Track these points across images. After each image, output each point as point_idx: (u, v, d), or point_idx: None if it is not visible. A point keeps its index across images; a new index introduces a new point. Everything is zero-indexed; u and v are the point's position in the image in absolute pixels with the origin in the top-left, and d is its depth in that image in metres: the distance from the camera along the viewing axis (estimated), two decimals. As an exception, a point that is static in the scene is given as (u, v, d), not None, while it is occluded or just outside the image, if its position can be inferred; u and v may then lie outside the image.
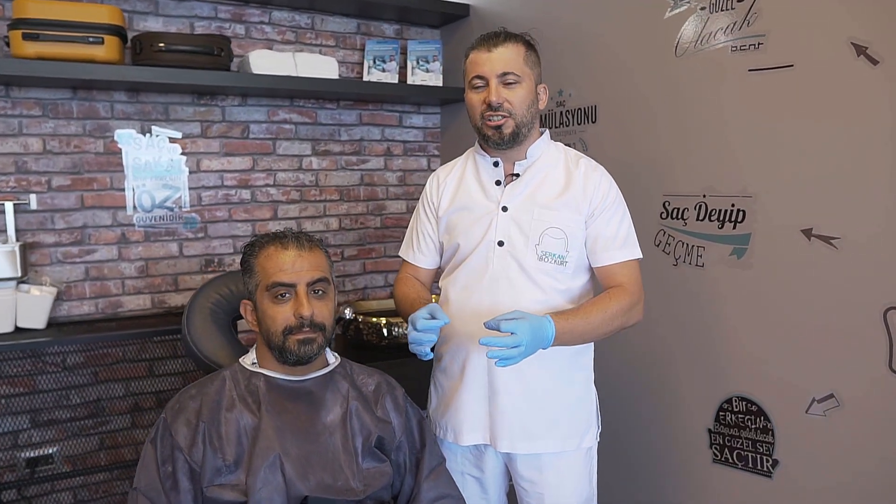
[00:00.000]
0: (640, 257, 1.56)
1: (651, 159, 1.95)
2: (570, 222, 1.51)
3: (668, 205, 1.91)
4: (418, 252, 1.70)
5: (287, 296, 1.34)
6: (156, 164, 2.34)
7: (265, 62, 2.31)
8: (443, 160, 2.88)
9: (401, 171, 2.84)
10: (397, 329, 2.28)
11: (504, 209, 1.53)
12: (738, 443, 1.78)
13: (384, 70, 2.63)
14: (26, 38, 1.91)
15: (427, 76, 2.67)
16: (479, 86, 1.52)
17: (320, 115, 2.63)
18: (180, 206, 2.40)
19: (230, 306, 1.75)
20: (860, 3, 1.49)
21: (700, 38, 1.80)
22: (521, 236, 1.52)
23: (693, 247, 1.85)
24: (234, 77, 2.27)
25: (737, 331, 1.76)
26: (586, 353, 1.61)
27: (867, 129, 1.49)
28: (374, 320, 2.30)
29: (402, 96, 2.71)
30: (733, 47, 1.72)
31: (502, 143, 1.52)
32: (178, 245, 2.41)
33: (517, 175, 1.56)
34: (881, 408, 1.49)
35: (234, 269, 2.39)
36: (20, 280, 2.06)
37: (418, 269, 1.72)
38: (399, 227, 2.85)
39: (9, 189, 2.14)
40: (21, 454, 2.16)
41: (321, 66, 2.41)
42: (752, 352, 1.74)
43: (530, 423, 1.54)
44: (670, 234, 1.91)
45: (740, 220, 1.73)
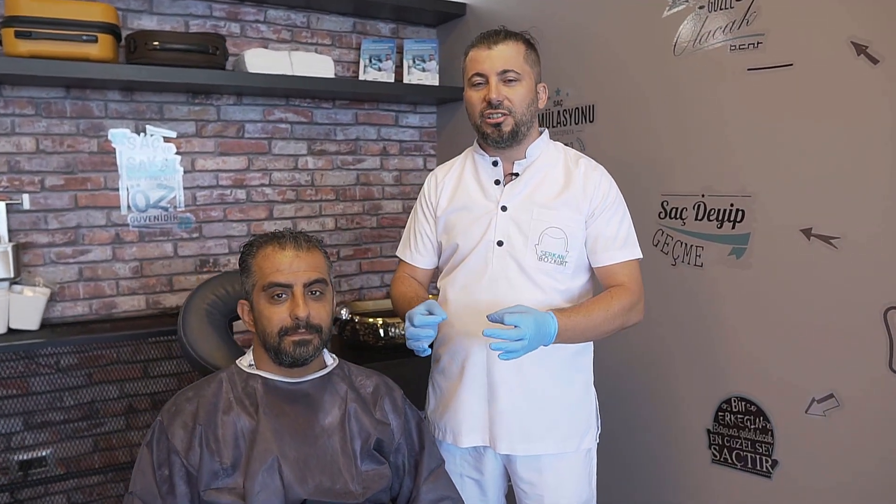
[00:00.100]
0: (640, 257, 1.55)
1: (649, 159, 1.95)
2: (569, 222, 1.50)
3: (666, 204, 1.91)
4: (416, 252, 1.69)
5: (283, 296, 1.33)
6: (150, 163, 2.32)
7: (261, 61, 2.29)
8: (439, 160, 2.87)
9: (397, 170, 2.83)
10: (394, 329, 2.27)
11: (503, 209, 1.52)
12: (737, 443, 1.77)
13: (380, 69, 2.61)
14: (19, 36, 1.89)
15: (423, 75, 2.66)
16: (479, 83, 1.51)
17: (316, 114, 2.62)
18: (175, 206, 2.38)
19: (226, 307, 1.74)
20: (860, 2, 1.48)
21: (698, 38, 1.79)
22: (521, 236, 1.51)
23: (692, 247, 1.85)
24: (230, 76, 2.26)
25: (736, 331, 1.76)
26: (586, 354, 1.60)
27: (867, 128, 1.48)
28: (371, 321, 2.28)
29: (399, 96, 2.69)
30: (732, 46, 1.72)
31: (501, 140, 1.51)
32: (172, 245, 2.39)
33: (516, 174, 1.55)
34: (881, 408, 1.49)
35: (230, 270, 2.38)
36: (13, 281, 2.04)
37: (416, 269, 1.70)
38: (395, 227, 2.83)
39: (1, 189, 2.12)
40: (14, 457, 2.14)
41: (317, 65, 2.40)
42: (751, 352, 1.73)
43: (530, 424, 1.52)
44: (669, 234, 1.90)
45: (739, 219, 1.73)
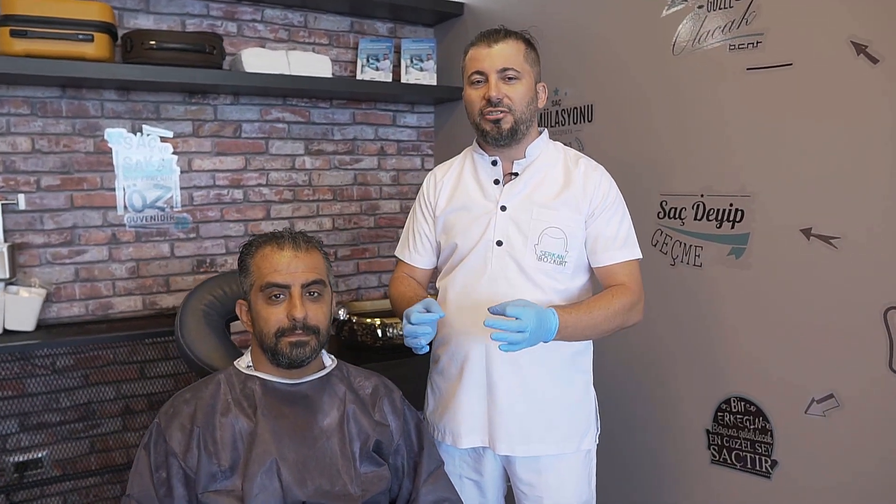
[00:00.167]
0: (640, 257, 1.55)
1: (648, 158, 1.94)
2: (569, 222, 1.50)
3: (665, 204, 1.90)
4: (414, 252, 1.68)
5: (281, 297, 1.32)
6: (147, 163, 2.31)
7: (258, 60, 2.28)
8: (437, 160, 2.86)
9: (394, 170, 2.82)
10: (392, 330, 2.26)
11: (503, 208, 1.52)
12: (736, 443, 1.77)
13: (378, 69, 2.61)
14: (14, 34, 1.88)
15: (421, 75, 2.65)
16: (479, 81, 1.50)
17: (313, 114, 2.61)
18: (172, 206, 2.37)
19: (224, 308, 1.73)
20: (860, 2, 1.48)
21: (697, 37, 1.79)
22: (520, 236, 1.50)
23: (691, 246, 1.84)
24: (227, 75, 2.25)
25: (735, 331, 1.76)
26: (586, 355, 1.60)
27: (867, 127, 1.48)
28: (369, 321, 2.27)
29: (396, 95, 2.69)
30: (731, 46, 1.71)
31: (501, 138, 1.50)
32: (169, 245, 2.38)
33: (516, 174, 1.54)
34: (881, 408, 1.49)
35: (227, 270, 2.37)
36: (8, 281, 2.03)
37: (414, 269, 1.70)
38: (392, 226, 2.83)
39: (-4, 189, 2.11)
40: (9, 458, 2.12)
41: (314, 64, 2.39)
42: (750, 352, 1.73)
43: (529, 425, 1.52)
44: (668, 234, 1.90)
45: (739, 219, 1.72)
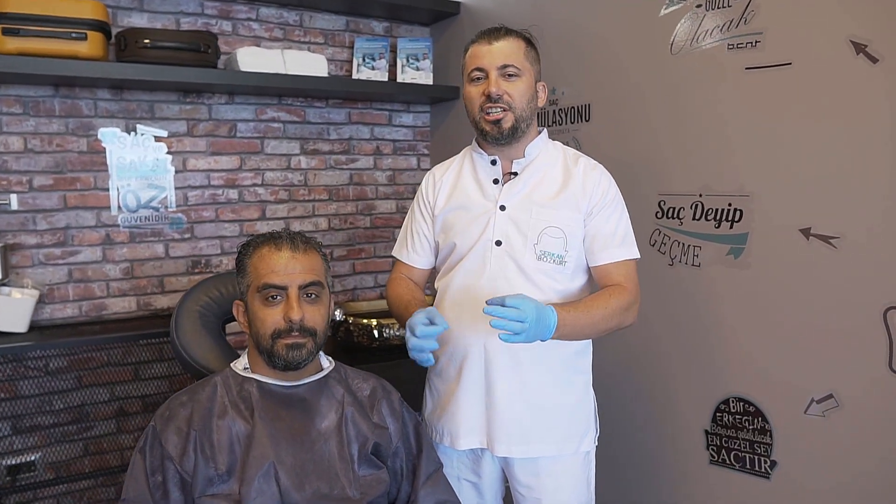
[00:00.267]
0: (637, 257, 1.54)
1: (646, 158, 1.93)
2: (569, 221, 1.49)
3: (663, 204, 1.89)
4: (412, 252, 1.67)
5: (278, 298, 1.31)
6: (141, 163, 2.29)
7: (253, 59, 2.26)
8: (433, 159, 2.85)
9: (390, 170, 2.80)
10: (389, 330, 2.25)
11: (502, 208, 1.51)
12: (735, 444, 1.76)
13: (374, 68, 2.59)
14: (7, 33, 1.86)
15: (417, 74, 2.64)
16: (479, 77, 1.49)
17: (309, 113, 2.59)
18: (166, 207, 2.35)
19: (220, 309, 1.71)
20: (859, 1, 1.47)
21: (695, 36, 1.78)
22: (520, 236, 1.49)
23: (689, 246, 1.83)
24: (222, 75, 2.23)
25: (734, 331, 1.75)
26: (585, 356, 1.59)
27: (866, 127, 1.48)
28: (365, 321, 2.26)
29: (392, 95, 2.67)
30: (730, 45, 1.71)
31: (501, 137, 1.49)
32: (164, 246, 2.36)
33: (515, 174, 1.53)
34: (881, 408, 1.48)
35: (223, 271, 2.35)
36: (1, 283, 2.01)
37: (412, 270, 1.68)
38: (389, 226, 2.81)
39: (-12, 189, 2.09)
40: (2, 461, 2.10)
41: (310, 63, 2.37)
42: (749, 352, 1.72)
43: (528, 426, 1.51)
44: (666, 234, 1.89)
45: (737, 219, 1.72)
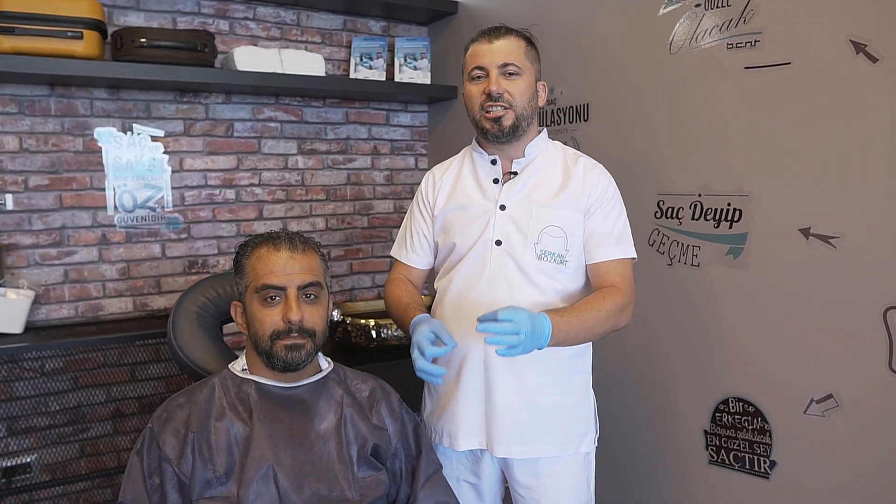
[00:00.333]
0: (634, 257, 1.53)
1: (645, 158, 1.93)
2: (569, 220, 1.48)
3: (662, 204, 1.89)
4: (412, 252, 1.66)
5: (277, 299, 1.30)
6: (137, 163, 2.28)
7: (250, 59, 2.25)
8: (430, 159, 2.84)
9: (388, 170, 2.80)
10: (386, 331, 2.24)
11: (502, 208, 1.50)
12: (734, 444, 1.76)
13: (371, 67, 2.58)
14: (1, 31, 1.85)
15: (415, 74, 2.63)
16: (479, 76, 1.49)
17: (306, 113, 2.58)
18: (163, 207, 2.33)
19: (217, 310, 1.70)
20: (859, 1, 1.47)
21: (694, 36, 1.78)
22: (520, 235, 1.48)
23: (688, 246, 1.83)
24: (218, 74, 2.22)
25: (734, 331, 1.75)
26: (585, 357, 1.58)
27: (866, 127, 1.47)
28: (363, 322, 2.25)
29: (390, 94, 2.66)
30: (729, 45, 1.70)
31: (502, 135, 1.48)
32: (160, 246, 2.34)
33: (515, 173, 1.53)
34: (881, 408, 1.48)
35: (220, 272, 2.34)
36: (-4, 283, 1.99)
37: (411, 270, 1.67)
38: (386, 226, 2.80)
39: (-17, 189, 2.07)
40: (-3, 463, 2.09)
41: (307, 63, 2.36)
42: (749, 352, 1.72)
43: (527, 427, 1.50)
44: (665, 234, 1.89)
45: (736, 219, 1.72)
